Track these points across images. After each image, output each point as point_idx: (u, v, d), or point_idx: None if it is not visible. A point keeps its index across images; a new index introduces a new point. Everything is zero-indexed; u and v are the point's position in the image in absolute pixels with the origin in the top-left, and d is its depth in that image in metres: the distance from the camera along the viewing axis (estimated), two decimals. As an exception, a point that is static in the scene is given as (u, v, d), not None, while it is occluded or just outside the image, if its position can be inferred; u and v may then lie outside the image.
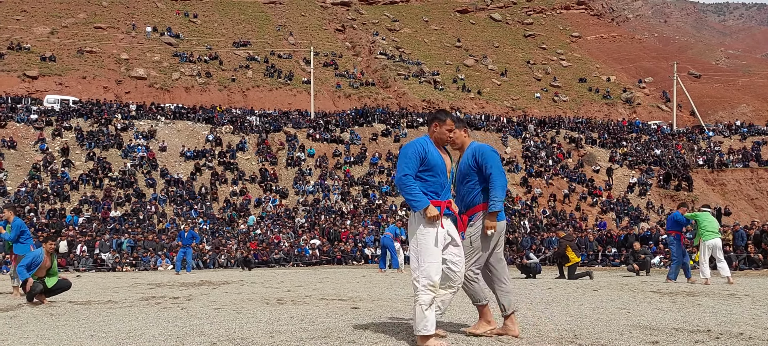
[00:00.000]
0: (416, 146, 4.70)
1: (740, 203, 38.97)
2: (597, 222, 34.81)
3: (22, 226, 10.87)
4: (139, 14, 67.82)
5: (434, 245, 4.52)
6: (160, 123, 39.31)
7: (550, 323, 5.79)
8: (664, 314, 6.58)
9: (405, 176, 4.55)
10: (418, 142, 4.78)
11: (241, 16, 74.36)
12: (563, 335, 5.00)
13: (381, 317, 6.32)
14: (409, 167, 4.58)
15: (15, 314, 7.45)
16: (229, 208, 32.76)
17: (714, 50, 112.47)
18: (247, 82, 57.39)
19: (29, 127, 36.08)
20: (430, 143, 4.79)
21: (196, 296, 9.49)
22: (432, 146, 4.76)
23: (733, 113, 60.92)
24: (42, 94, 45.08)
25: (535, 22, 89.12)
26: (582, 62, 77.87)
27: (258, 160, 37.99)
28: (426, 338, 4.43)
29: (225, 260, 26.45)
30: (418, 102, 57.39)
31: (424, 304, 4.42)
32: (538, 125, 47.56)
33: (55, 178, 32.12)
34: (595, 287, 10.81)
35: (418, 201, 4.51)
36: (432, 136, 4.89)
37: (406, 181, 4.54)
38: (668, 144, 46.00)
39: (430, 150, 4.72)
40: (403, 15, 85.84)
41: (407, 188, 4.54)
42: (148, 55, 58.18)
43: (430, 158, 4.70)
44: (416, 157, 4.64)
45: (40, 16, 62.37)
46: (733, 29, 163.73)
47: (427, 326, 4.40)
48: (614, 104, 64.96)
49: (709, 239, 12.27)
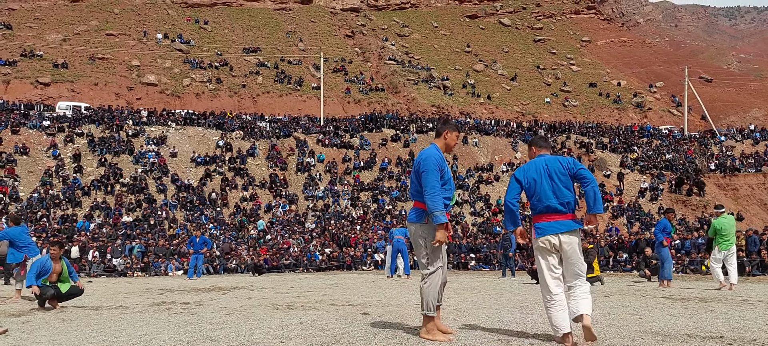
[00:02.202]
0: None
1: (753, 208, 38.62)
2: (608, 227, 34.62)
3: (7, 235, 11.10)
4: (151, 21, 68.33)
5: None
6: (170, 129, 39.54)
7: (561, 329, 5.75)
8: (676, 319, 6.52)
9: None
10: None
11: (252, 22, 74.73)
12: (574, 341, 4.97)
13: (391, 322, 6.31)
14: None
15: (27, 319, 7.50)
16: (239, 213, 32.86)
17: (725, 54, 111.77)
18: (257, 88, 57.65)
19: (41, 133, 36.39)
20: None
21: (207, 302, 9.51)
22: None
23: (745, 118, 60.46)
24: (54, 100, 45.49)
25: (545, 27, 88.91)
26: (592, 67, 77.57)
27: (268, 166, 38.09)
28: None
29: (235, 265, 26.51)
30: (428, 107, 57.38)
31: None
32: (548, 130, 47.40)
33: (67, 184, 32.36)
34: (606, 293, 10.74)
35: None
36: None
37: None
38: (679, 149, 45.69)
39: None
40: (413, 20, 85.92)
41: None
42: (159, 62, 58.59)
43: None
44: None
45: (53, 23, 62.99)
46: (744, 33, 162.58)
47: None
48: (625, 109, 64.64)
49: (725, 249, 12.14)
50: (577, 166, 5.06)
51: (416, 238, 5.10)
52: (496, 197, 37.23)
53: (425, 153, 5.06)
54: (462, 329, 5.74)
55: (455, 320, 6.51)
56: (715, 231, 12.24)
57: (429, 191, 4.88)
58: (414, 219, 5.10)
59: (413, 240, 5.15)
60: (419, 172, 5.01)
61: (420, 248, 5.09)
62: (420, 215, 5.05)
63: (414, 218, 5.10)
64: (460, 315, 7.00)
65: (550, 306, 4.95)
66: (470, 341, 5.04)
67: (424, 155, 5.02)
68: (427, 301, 5.04)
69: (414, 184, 5.14)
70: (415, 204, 5.11)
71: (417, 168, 5.06)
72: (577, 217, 5.11)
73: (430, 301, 5.03)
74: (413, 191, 5.17)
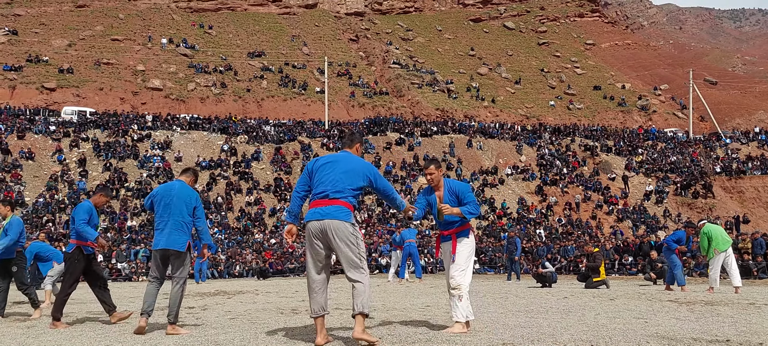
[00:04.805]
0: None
1: (759, 211, 38.42)
2: (613, 230, 34.51)
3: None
4: (156, 26, 68.59)
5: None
6: (175, 133, 39.64)
7: (566, 332, 5.73)
8: (682, 323, 6.49)
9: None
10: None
11: (256, 27, 74.93)
12: (580, 345, 4.95)
13: (396, 327, 6.30)
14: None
15: (32, 324, 7.52)
16: (244, 217, 32.90)
17: (730, 57, 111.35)
18: (261, 92, 57.76)
19: (47, 138, 36.54)
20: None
21: (212, 306, 9.52)
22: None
23: (751, 120, 60.21)
24: (60, 105, 45.68)
25: (549, 30, 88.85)
26: (596, 70, 77.46)
27: (273, 170, 38.15)
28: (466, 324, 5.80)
29: (240, 270, 26.53)
30: (432, 111, 57.39)
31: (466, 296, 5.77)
32: (552, 133, 47.33)
33: (72, 188, 32.47)
34: (611, 296, 10.70)
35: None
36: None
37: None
38: (685, 151, 45.55)
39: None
40: (417, 24, 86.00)
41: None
42: (164, 67, 58.80)
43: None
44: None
45: (58, 29, 63.30)
46: (749, 35, 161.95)
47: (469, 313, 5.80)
48: (629, 112, 64.51)
49: (724, 249, 12.16)
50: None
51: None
52: (500, 200, 37.18)
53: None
54: (467, 334, 5.72)
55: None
56: (708, 239, 12.27)
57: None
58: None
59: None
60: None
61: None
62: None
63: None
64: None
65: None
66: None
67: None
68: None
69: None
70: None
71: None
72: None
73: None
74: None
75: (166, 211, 6.37)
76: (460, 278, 5.78)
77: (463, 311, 5.71)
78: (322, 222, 5.15)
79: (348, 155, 5.44)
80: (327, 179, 5.28)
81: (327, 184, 5.26)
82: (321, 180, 5.31)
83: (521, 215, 36.04)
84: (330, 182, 5.25)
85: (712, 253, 12.30)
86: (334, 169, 5.31)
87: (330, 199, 5.20)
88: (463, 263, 5.84)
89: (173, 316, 6.19)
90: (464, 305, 5.72)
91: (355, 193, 5.28)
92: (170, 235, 6.32)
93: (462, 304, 5.71)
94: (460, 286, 5.74)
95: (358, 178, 5.28)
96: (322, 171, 5.35)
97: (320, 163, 5.43)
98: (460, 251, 5.86)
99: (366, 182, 5.34)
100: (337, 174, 5.26)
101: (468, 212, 5.84)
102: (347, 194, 5.22)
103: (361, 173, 5.31)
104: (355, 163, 5.35)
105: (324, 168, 5.35)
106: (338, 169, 5.29)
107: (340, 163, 5.35)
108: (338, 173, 5.27)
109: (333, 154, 5.58)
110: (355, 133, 5.76)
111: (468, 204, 5.86)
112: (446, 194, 5.92)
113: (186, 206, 6.44)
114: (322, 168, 5.37)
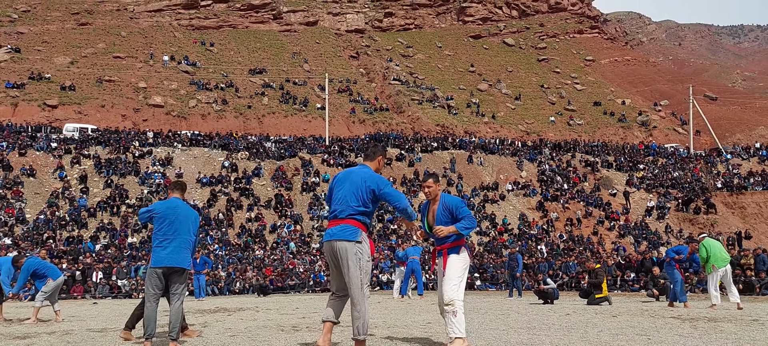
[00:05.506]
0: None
1: (761, 227, 38.31)
2: (615, 246, 34.40)
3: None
4: (157, 44, 68.90)
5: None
6: (176, 150, 39.68)
7: (569, 349, 5.69)
8: (686, 340, 6.45)
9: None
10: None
11: (257, 44, 75.25)
12: None
13: (397, 343, 6.26)
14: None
15: (31, 341, 7.48)
16: (245, 234, 32.84)
17: (730, 73, 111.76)
18: (262, 108, 57.90)
19: (48, 155, 36.58)
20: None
21: (212, 323, 9.47)
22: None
23: (751, 136, 60.28)
24: (61, 122, 45.75)
25: (549, 47, 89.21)
26: (596, 86, 77.69)
27: (273, 186, 38.14)
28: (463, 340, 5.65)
29: (240, 286, 26.44)
30: (433, 126, 57.49)
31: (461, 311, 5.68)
32: (553, 149, 47.36)
33: (73, 205, 32.45)
34: (614, 313, 10.64)
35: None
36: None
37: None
38: (686, 167, 45.53)
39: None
40: (417, 41, 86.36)
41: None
42: (165, 84, 58.97)
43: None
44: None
45: (61, 46, 63.58)
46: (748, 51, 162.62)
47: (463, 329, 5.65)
48: (630, 127, 64.62)
49: (722, 266, 12.14)
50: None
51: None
52: (501, 216, 37.12)
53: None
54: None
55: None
56: (707, 253, 12.24)
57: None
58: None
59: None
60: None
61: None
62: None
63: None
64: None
65: None
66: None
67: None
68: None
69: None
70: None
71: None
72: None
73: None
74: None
75: (170, 229, 6.39)
76: (452, 293, 5.68)
77: (459, 325, 5.65)
78: (331, 243, 5.34)
79: (360, 169, 5.50)
80: (337, 197, 5.48)
81: (336, 203, 5.44)
82: (333, 199, 5.54)
83: (522, 230, 35.97)
84: (338, 200, 5.43)
85: (709, 268, 12.30)
86: (343, 186, 5.46)
87: (338, 219, 5.36)
88: (455, 278, 5.77)
89: (176, 333, 6.17)
90: (460, 320, 5.66)
91: (361, 208, 5.30)
92: (178, 253, 6.35)
93: (457, 319, 5.64)
94: (452, 301, 5.66)
95: (362, 191, 5.34)
96: (335, 189, 5.56)
97: (335, 181, 5.62)
98: (453, 265, 5.81)
99: (370, 194, 5.35)
100: (344, 192, 5.39)
101: (464, 227, 5.78)
102: (353, 210, 5.27)
103: (364, 186, 5.34)
104: (359, 177, 5.40)
105: (337, 186, 5.55)
106: (346, 187, 5.39)
107: (348, 180, 5.46)
108: (346, 191, 5.38)
109: (348, 169, 5.69)
110: (378, 146, 5.77)
111: (463, 219, 5.79)
112: (440, 209, 5.90)
113: (192, 225, 6.54)
114: (335, 186, 5.58)
